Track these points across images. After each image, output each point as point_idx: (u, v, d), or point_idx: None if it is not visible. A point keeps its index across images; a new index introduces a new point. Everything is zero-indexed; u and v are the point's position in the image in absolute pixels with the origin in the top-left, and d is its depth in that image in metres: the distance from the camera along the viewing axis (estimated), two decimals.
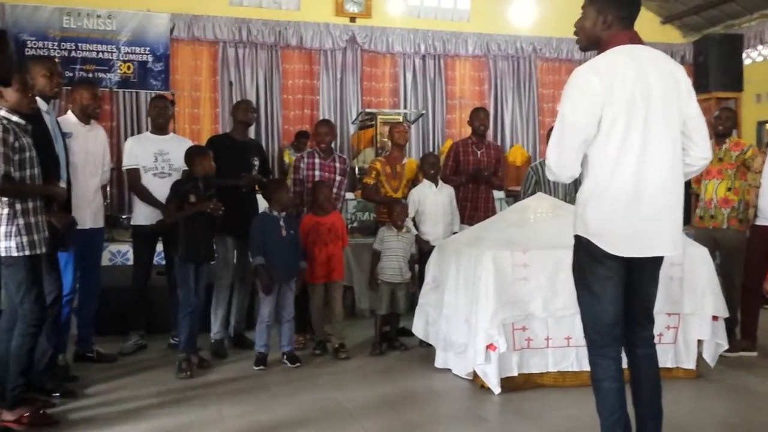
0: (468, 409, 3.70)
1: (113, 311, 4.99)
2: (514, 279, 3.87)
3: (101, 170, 4.60)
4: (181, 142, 5.04)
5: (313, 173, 5.08)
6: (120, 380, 4.21)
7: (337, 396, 3.86)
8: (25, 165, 3.38)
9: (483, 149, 5.53)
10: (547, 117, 9.31)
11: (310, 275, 4.81)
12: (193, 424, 3.44)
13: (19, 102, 3.46)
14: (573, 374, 3.99)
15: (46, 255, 3.54)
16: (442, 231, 5.14)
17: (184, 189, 4.40)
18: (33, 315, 3.36)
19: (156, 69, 8.22)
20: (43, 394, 3.72)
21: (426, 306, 4.51)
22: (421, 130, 8.96)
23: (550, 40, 9.32)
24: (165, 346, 4.96)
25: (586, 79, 2.51)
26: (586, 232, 2.59)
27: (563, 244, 3.91)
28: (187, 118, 8.36)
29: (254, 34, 8.42)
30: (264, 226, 4.54)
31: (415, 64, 8.99)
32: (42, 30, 7.80)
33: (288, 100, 8.73)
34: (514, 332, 3.88)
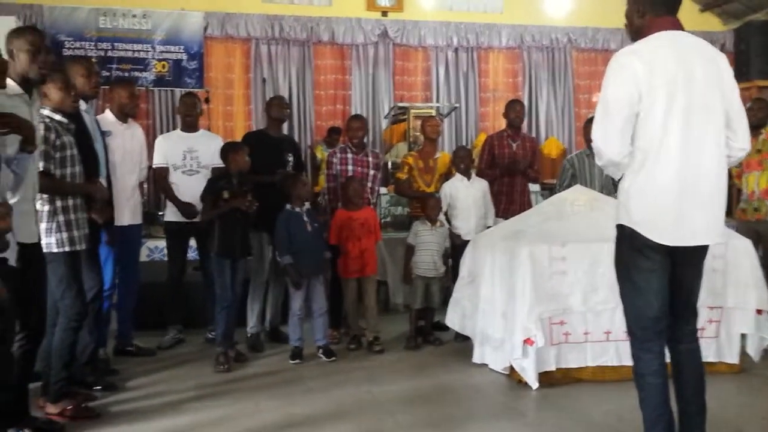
0: (505, 404, 3.67)
1: (151, 306, 5.06)
2: (551, 273, 3.82)
3: (139, 168, 4.66)
4: (211, 139, 5.09)
5: (345, 168, 5.09)
6: (159, 374, 4.27)
7: (373, 390, 3.85)
8: (66, 163, 3.44)
9: (518, 142, 5.46)
10: (582, 108, 9.15)
11: (344, 270, 4.82)
12: (230, 417, 3.47)
13: (62, 101, 3.52)
14: (612, 369, 3.93)
15: (87, 251, 3.61)
16: (474, 225, 5.10)
17: (218, 185, 4.44)
18: (74, 310, 3.43)
19: (190, 67, 8.30)
20: (84, 388, 3.80)
21: (461, 300, 4.48)
22: (454, 124, 8.89)
23: (586, 30, 9.15)
24: (202, 341, 5.02)
25: (627, 59, 2.50)
26: (630, 220, 2.55)
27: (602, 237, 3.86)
28: (221, 115, 8.43)
29: (286, 30, 8.44)
30: (288, 223, 4.55)
31: (448, 57, 8.92)
32: (79, 30, 7.92)
33: (320, 95, 8.74)
34: (551, 326, 3.84)
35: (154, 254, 5.71)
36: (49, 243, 3.32)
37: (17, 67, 3.04)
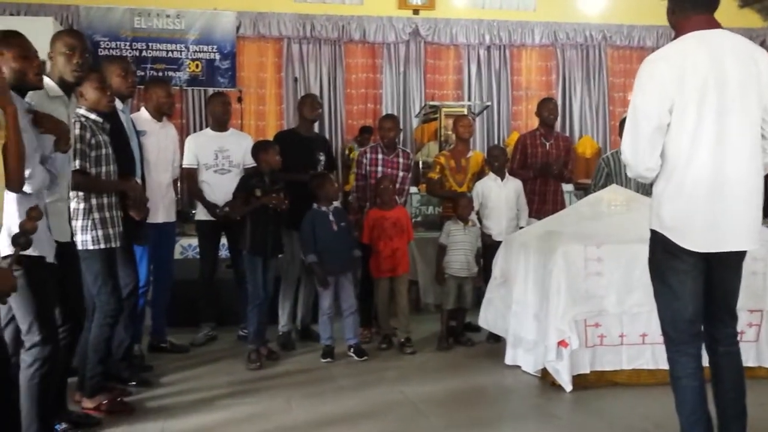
0: (538, 407, 3.62)
1: (184, 303, 5.11)
2: (587, 274, 3.76)
3: (172, 166, 4.71)
4: (241, 138, 5.12)
5: (375, 169, 5.07)
6: (192, 370, 4.31)
7: (404, 390, 3.84)
8: (101, 161, 3.48)
9: (551, 141, 5.38)
10: (617, 107, 9.03)
11: (375, 269, 4.81)
12: (263, 414, 3.49)
13: (98, 101, 3.56)
14: (648, 372, 3.85)
15: (122, 248, 3.65)
16: (506, 226, 5.05)
17: (251, 183, 4.47)
18: (109, 306, 3.47)
19: (223, 67, 8.39)
20: (120, 383, 3.84)
21: (494, 300, 4.44)
22: (486, 123, 8.84)
23: (621, 28, 9.02)
24: (234, 338, 5.05)
25: (655, 65, 2.45)
26: (661, 226, 2.51)
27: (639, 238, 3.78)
28: (253, 114, 8.50)
29: (318, 29, 8.48)
30: (313, 222, 4.56)
31: (480, 55, 8.86)
32: (114, 30, 8.05)
33: (351, 94, 8.75)
34: (586, 329, 3.77)
35: (188, 252, 5.77)
36: (84, 240, 3.37)
37: (56, 69, 3.09)
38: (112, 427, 3.29)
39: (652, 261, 2.63)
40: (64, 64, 3.08)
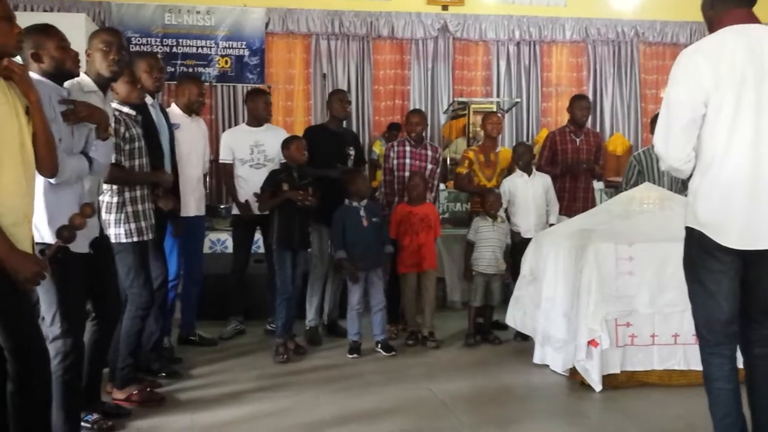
0: (567, 406, 3.59)
1: (213, 297, 5.17)
2: (618, 273, 3.72)
3: (203, 160, 4.75)
4: (276, 133, 5.14)
5: (403, 162, 5.06)
6: (221, 363, 4.36)
7: (432, 387, 3.82)
8: (135, 155, 3.53)
9: (581, 137, 5.31)
10: (650, 104, 8.87)
11: (401, 265, 4.81)
12: (291, 409, 3.50)
13: (128, 94, 3.62)
14: (680, 373, 3.79)
15: (153, 241, 3.70)
16: (534, 223, 5.00)
17: (278, 178, 4.50)
18: (142, 299, 3.52)
19: (252, 63, 8.41)
20: (150, 375, 3.90)
21: (522, 299, 4.40)
22: (515, 119, 8.76)
23: (654, 24, 8.86)
24: (262, 332, 5.09)
25: (691, 59, 2.41)
26: (697, 223, 2.46)
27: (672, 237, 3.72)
28: (281, 110, 8.50)
29: (346, 25, 8.46)
30: (344, 218, 4.57)
31: (509, 51, 8.77)
32: (145, 27, 8.11)
33: (379, 91, 8.73)
34: (617, 328, 3.73)
35: (216, 246, 5.81)
36: (118, 233, 3.42)
37: (93, 65, 3.13)
38: (143, 418, 3.34)
39: (686, 260, 2.58)
40: (101, 60, 3.12)
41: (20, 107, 2.41)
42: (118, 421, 3.26)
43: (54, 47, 2.74)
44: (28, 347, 2.37)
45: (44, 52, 2.71)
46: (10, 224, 2.30)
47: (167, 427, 3.26)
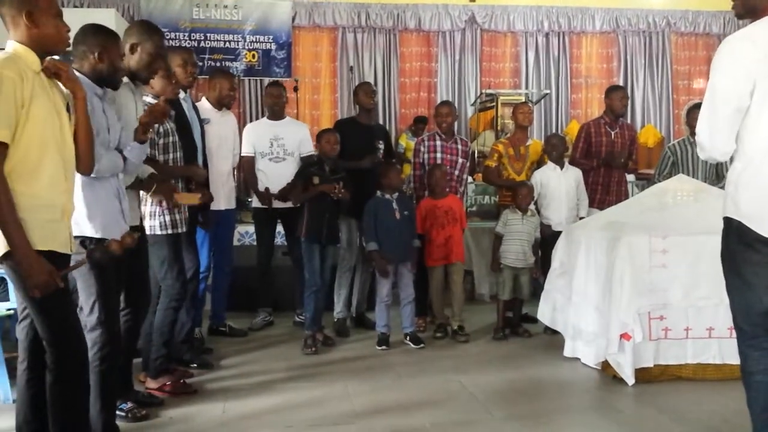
0: (600, 400, 3.55)
1: (242, 288, 5.21)
2: (651, 266, 3.66)
3: (232, 154, 4.78)
4: (297, 126, 5.16)
5: (434, 156, 5.04)
6: (251, 354, 4.39)
7: (462, 380, 3.81)
8: (169, 149, 3.57)
9: (617, 129, 5.22)
10: (682, 95, 8.73)
11: (428, 258, 4.79)
12: (321, 400, 3.51)
13: (163, 89, 3.63)
14: (714, 367, 3.74)
15: (186, 233, 3.73)
16: (566, 216, 4.95)
17: (310, 171, 4.50)
18: (174, 290, 3.56)
19: (279, 57, 8.45)
20: (182, 365, 3.94)
21: (553, 292, 4.36)
22: (544, 111, 8.67)
23: (686, 13, 8.70)
24: (291, 324, 5.13)
25: (739, 45, 2.33)
26: (738, 213, 2.40)
27: (706, 229, 3.68)
28: (308, 104, 8.54)
29: (372, 18, 8.45)
30: (376, 210, 4.56)
31: (538, 42, 8.69)
32: (174, 21, 8.18)
33: (405, 83, 8.71)
34: (650, 321, 3.68)
35: (244, 239, 5.85)
36: (152, 225, 3.46)
37: (128, 61, 3.16)
38: (175, 407, 3.38)
39: (725, 251, 2.52)
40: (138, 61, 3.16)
41: (61, 104, 2.45)
42: (152, 409, 3.30)
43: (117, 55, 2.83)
44: (66, 338, 2.41)
45: (107, 56, 2.78)
46: (45, 220, 2.34)
47: (199, 416, 3.30)
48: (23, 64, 2.32)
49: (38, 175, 2.33)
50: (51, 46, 2.43)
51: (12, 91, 2.23)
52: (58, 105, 2.43)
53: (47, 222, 2.35)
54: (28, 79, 2.29)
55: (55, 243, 2.38)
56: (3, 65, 2.25)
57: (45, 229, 2.33)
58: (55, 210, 2.38)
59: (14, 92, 2.24)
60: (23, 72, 2.28)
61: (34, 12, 2.35)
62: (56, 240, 2.39)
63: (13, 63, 2.28)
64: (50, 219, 2.36)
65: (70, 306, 2.48)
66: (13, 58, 2.31)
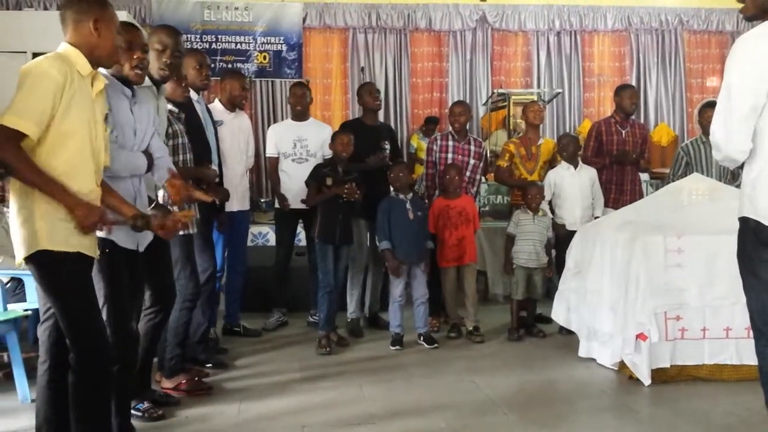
0: (616, 400, 3.53)
1: (256, 289, 5.23)
2: (667, 266, 3.64)
3: (246, 156, 4.79)
4: (320, 128, 5.16)
5: (446, 156, 5.04)
6: (265, 354, 4.41)
7: (476, 380, 3.80)
8: (178, 150, 3.57)
9: (627, 128, 5.19)
10: (695, 94, 8.67)
11: (441, 258, 4.79)
12: (336, 401, 3.52)
13: (174, 91, 3.66)
14: (732, 368, 3.71)
15: (201, 234, 3.75)
16: (580, 215, 4.93)
17: (322, 172, 4.51)
18: (188, 290, 3.57)
19: (290, 58, 8.46)
20: (197, 365, 3.96)
21: (567, 292, 4.34)
22: (556, 110, 8.64)
23: (699, 11, 8.65)
24: (305, 324, 5.13)
25: (754, 43, 2.30)
26: (756, 213, 2.37)
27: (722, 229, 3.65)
28: (319, 104, 8.54)
29: (383, 18, 8.45)
30: (390, 210, 4.57)
31: (550, 41, 8.65)
32: (185, 23, 8.20)
33: (416, 83, 8.70)
34: (666, 321, 3.65)
35: (258, 240, 5.87)
36: None
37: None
38: (191, 407, 3.39)
39: (741, 251, 2.49)
40: (154, 60, 3.18)
41: (101, 114, 2.49)
42: (168, 409, 3.32)
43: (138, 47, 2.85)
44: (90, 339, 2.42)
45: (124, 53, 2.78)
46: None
47: (215, 416, 3.31)
48: (72, 66, 2.35)
49: (74, 178, 2.36)
50: (104, 58, 2.48)
51: (52, 91, 2.27)
52: (98, 114, 2.47)
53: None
54: (72, 82, 2.32)
55: (83, 246, 2.41)
56: (52, 64, 2.29)
57: (74, 232, 2.36)
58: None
59: (54, 92, 2.27)
60: (69, 74, 2.32)
61: (100, 20, 2.41)
62: (84, 243, 2.41)
63: (62, 63, 2.32)
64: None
65: (94, 306, 2.49)
66: (63, 59, 2.34)
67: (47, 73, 2.27)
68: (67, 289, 2.38)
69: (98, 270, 2.66)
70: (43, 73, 2.27)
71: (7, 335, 3.53)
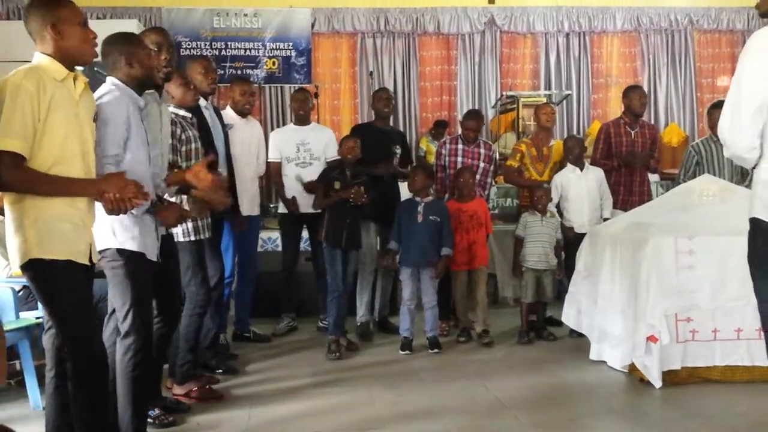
0: (627, 403, 3.51)
1: (265, 294, 5.24)
2: (678, 267, 3.61)
3: (256, 161, 4.81)
4: (322, 132, 5.19)
5: (455, 159, 5.04)
6: (275, 359, 4.42)
7: (486, 384, 3.79)
8: (191, 156, 3.59)
9: (637, 129, 5.16)
10: (705, 93, 8.60)
11: (451, 263, 4.77)
12: (346, 406, 3.52)
13: (183, 97, 3.68)
14: (744, 369, 3.68)
15: (210, 240, 3.76)
16: (588, 218, 4.90)
17: (331, 176, 4.52)
18: (199, 297, 3.58)
19: (299, 63, 8.48)
20: (207, 371, 3.97)
21: (577, 295, 4.33)
22: (565, 112, 8.60)
23: (709, 11, 8.58)
24: (314, 329, 5.14)
25: (766, 40, 2.28)
26: (766, 214, 2.35)
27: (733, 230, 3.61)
28: (328, 109, 8.56)
29: (391, 22, 8.46)
30: (402, 211, 4.60)
31: (559, 43, 8.62)
32: (195, 31, 8.26)
33: (425, 87, 8.70)
34: (677, 323, 3.63)
35: (267, 245, 5.89)
36: (176, 232, 3.47)
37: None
38: (202, 414, 3.40)
39: (752, 253, 2.47)
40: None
41: (87, 115, 2.48)
42: (179, 415, 3.33)
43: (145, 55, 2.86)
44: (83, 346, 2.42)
45: (135, 59, 2.80)
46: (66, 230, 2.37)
47: (226, 422, 3.32)
48: (45, 74, 2.34)
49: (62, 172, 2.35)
50: (78, 57, 2.46)
51: (29, 103, 2.26)
52: (83, 116, 2.45)
53: (68, 232, 2.37)
54: (46, 90, 2.31)
55: (74, 253, 2.40)
56: (23, 76, 2.29)
57: (64, 239, 2.36)
58: (76, 220, 2.40)
59: (31, 104, 2.27)
60: (43, 83, 2.31)
61: (57, 23, 2.38)
62: (75, 250, 2.40)
63: (34, 73, 2.31)
64: (71, 229, 2.38)
65: (89, 314, 2.49)
66: (35, 69, 2.34)
67: (19, 85, 2.26)
68: (59, 297, 2.38)
69: (125, 276, 2.71)
70: (16, 86, 2.26)
71: (20, 343, 3.56)
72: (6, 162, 2.24)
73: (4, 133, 2.24)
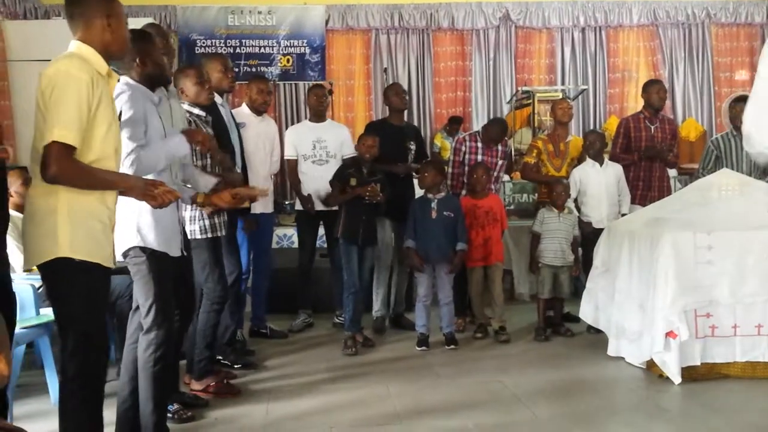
0: (646, 399, 3.48)
1: (282, 291, 5.26)
2: (696, 262, 3.59)
3: (270, 159, 4.82)
4: (338, 129, 5.19)
5: (475, 157, 5.04)
6: (292, 355, 4.44)
7: (504, 380, 3.78)
8: (206, 154, 3.60)
9: (657, 124, 5.12)
10: (723, 87, 8.50)
11: (468, 258, 4.77)
12: (363, 401, 3.53)
13: (197, 95, 3.68)
14: (764, 365, 3.65)
15: (227, 237, 3.77)
16: (606, 213, 4.87)
17: (347, 173, 4.52)
18: (216, 293, 3.60)
19: (313, 60, 8.49)
20: (225, 367, 3.99)
21: (595, 291, 4.30)
22: (581, 107, 8.54)
23: (726, 4, 8.48)
24: (330, 325, 5.16)
25: None
26: None
27: (753, 225, 3.60)
28: (342, 106, 8.56)
29: (406, 18, 8.44)
30: (416, 208, 4.59)
31: (574, 37, 8.56)
32: (209, 29, 8.29)
33: (439, 83, 8.67)
34: (696, 319, 3.60)
35: (283, 242, 5.91)
36: (192, 230, 3.50)
37: None
38: (220, 409, 3.42)
39: None
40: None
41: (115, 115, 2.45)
42: (197, 410, 3.36)
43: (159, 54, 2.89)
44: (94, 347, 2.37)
45: (148, 57, 2.82)
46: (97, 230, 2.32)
47: (244, 417, 3.34)
48: (92, 66, 2.28)
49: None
50: (118, 52, 2.42)
51: (85, 94, 2.19)
52: (116, 112, 2.46)
53: (97, 232, 2.31)
54: (98, 83, 2.25)
55: (102, 257, 2.33)
56: (76, 67, 2.20)
57: (94, 240, 2.29)
58: (105, 219, 2.36)
59: (87, 95, 2.20)
60: (95, 75, 2.25)
61: (112, 15, 2.35)
62: (105, 254, 2.36)
63: (86, 65, 2.24)
64: (100, 230, 2.33)
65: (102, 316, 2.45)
66: (83, 60, 2.26)
67: (73, 76, 2.18)
68: (78, 299, 2.28)
69: (148, 272, 2.74)
70: (69, 76, 2.18)
71: (40, 339, 3.60)
72: (58, 153, 2.14)
73: (58, 122, 2.14)
